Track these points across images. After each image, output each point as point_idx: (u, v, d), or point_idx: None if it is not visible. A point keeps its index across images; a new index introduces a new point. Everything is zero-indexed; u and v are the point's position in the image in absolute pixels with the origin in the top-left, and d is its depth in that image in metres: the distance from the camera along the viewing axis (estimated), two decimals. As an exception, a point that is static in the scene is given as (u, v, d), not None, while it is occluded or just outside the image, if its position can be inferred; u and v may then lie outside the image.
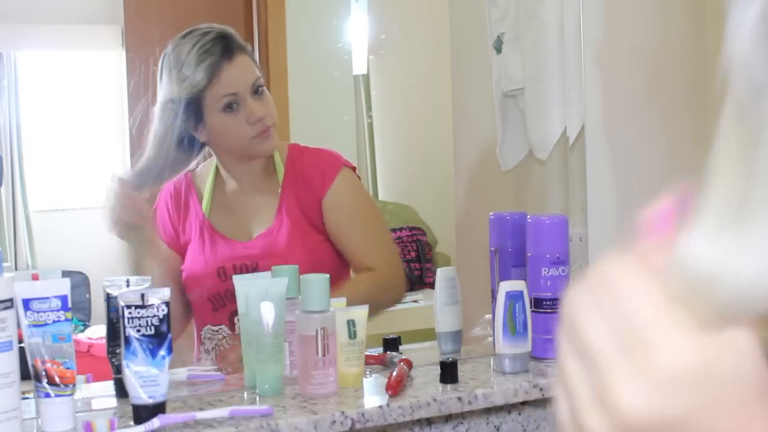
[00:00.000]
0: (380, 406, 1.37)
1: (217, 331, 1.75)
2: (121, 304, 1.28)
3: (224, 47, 1.74)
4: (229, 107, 1.73)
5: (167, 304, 1.29)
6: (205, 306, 1.76)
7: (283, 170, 1.80)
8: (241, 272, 1.72)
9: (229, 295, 1.69)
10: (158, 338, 1.28)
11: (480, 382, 1.49)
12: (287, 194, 1.79)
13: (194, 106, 1.73)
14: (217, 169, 1.83)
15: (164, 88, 1.74)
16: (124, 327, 1.27)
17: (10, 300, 1.22)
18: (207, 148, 1.84)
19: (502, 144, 1.92)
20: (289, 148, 1.83)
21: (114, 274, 1.48)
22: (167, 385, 1.29)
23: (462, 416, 1.51)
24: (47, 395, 1.25)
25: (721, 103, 0.41)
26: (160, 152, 1.74)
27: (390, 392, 1.41)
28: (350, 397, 1.42)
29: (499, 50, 1.89)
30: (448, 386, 1.47)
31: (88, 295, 4.52)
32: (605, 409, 0.40)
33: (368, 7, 3.87)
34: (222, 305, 1.75)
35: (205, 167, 1.85)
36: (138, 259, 1.74)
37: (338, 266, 1.79)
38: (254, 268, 1.72)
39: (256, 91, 1.75)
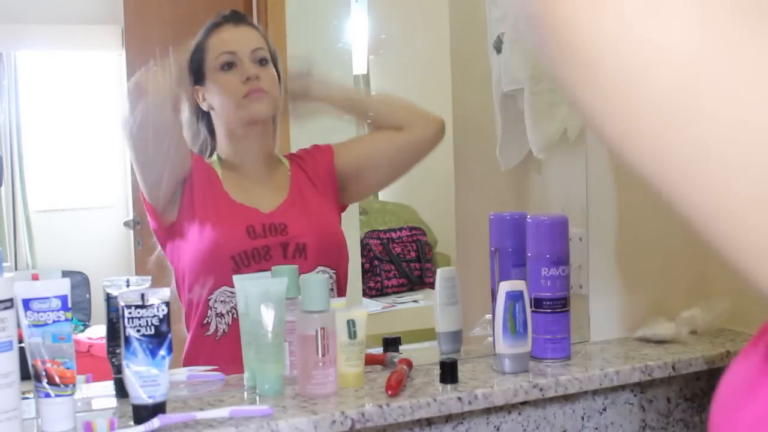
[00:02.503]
0: (380, 406, 1.37)
1: (234, 292, 1.70)
2: (121, 304, 1.28)
3: (232, 16, 1.85)
4: (227, 65, 1.80)
5: (167, 304, 1.29)
6: (225, 266, 1.73)
7: (287, 161, 1.90)
8: (271, 233, 1.78)
9: (257, 254, 1.75)
10: (158, 338, 1.28)
11: (480, 382, 1.49)
12: (296, 168, 1.89)
13: (196, 66, 1.82)
14: (220, 157, 1.87)
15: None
16: (124, 327, 1.27)
17: (10, 300, 1.22)
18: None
19: (502, 144, 1.92)
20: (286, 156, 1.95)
21: (114, 274, 1.48)
22: (167, 385, 1.29)
23: (462, 416, 1.51)
24: (47, 395, 1.25)
25: None
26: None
27: (390, 392, 1.41)
28: (350, 397, 1.42)
29: (499, 50, 1.89)
30: (448, 386, 1.47)
31: (88, 295, 4.52)
32: None
33: (368, 7, 3.87)
34: (246, 265, 1.74)
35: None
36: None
37: (343, 237, 1.90)
38: (282, 230, 1.79)
39: (260, 62, 1.82)
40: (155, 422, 1.26)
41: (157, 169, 1.76)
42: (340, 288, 1.85)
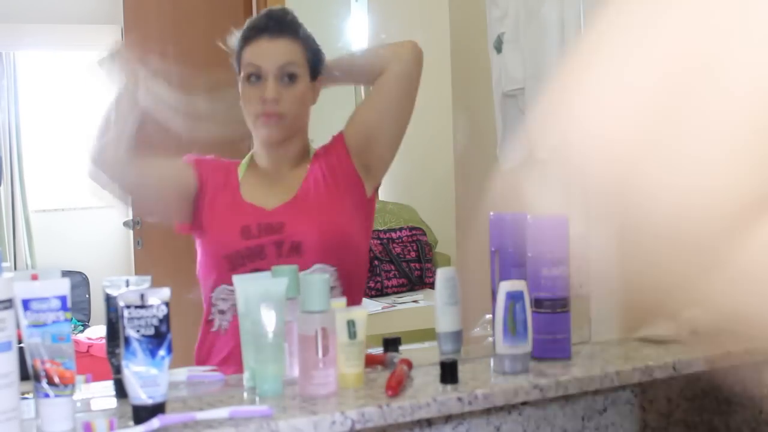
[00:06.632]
0: (380, 407, 1.37)
1: (233, 290, 1.68)
2: (121, 304, 1.28)
3: (272, 23, 1.84)
4: (249, 78, 1.82)
5: (167, 304, 1.29)
6: (219, 265, 1.78)
7: (312, 158, 1.91)
8: (266, 232, 1.80)
9: (250, 254, 1.78)
10: (158, 338, 1.27)
11: (480, 383, 1.49)
12: (315, 166, 1.88)
13: (237, 63, 1.85)
14: (252, 157, 1.91)
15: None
16: (124, 327, 1.27)
17: (10, 300, 1.21)
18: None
19: (502, 144, 1.92)
20: None
21: (114, 274, 1.47)
22: (167, 386, 1.29)
23: (462, 417, 1.51)
24: (46, 395, 1.25)
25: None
26: None
27: (390, 392, 1.41)
28: (350, 397, 1.42)
29: (499, 50, 1.89)
30: (448, 386, 1.47)
31: (87, 295, 4.53)
32: None
33: (368, 7, 3.87)
34: (241, 264, 1.77)
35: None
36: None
37: (353, 234, 1.87)
38: (279, 229, 1.80)
39: (288, 78, 1.82)
40: (155, 422, 1.26)
41: (161, 204, 1.90)
42: (344, 286, 1.83)
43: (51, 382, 1.24)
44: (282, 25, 1.84)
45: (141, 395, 1.27)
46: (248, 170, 1.89)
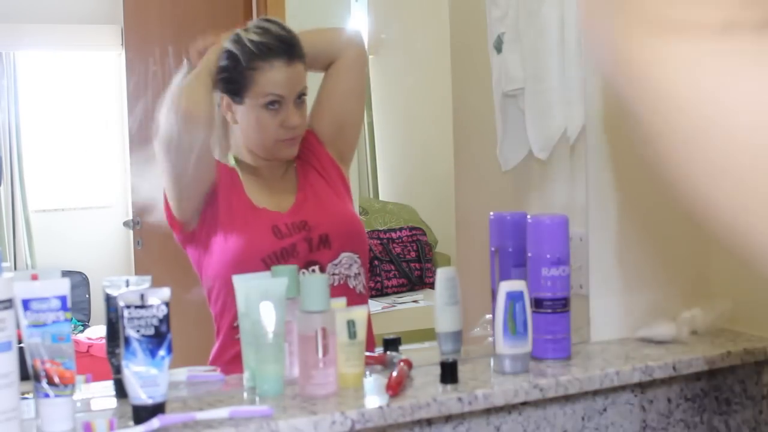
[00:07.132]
0: (380, 407, 1.37)
1: None
2: (121, 304, 1.28)
3: (289, 49, 1.82)
4: (271, 105, 1.81)
5: (167, 304, 1.29)
6: (255, 269, 1.71)
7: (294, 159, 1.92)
8: (294, 231, 1.82)
9: (284, 253, 1.79)
10: (158, 338, 1.28)
11: (480, 383, 1.49)
12: (302, 165, 1.91)
13: (239, 82, 1.81)
14: (237, 159, 1.89)
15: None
16: (124, 327, 1.27)
17: (10, 300, 1.21)
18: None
19: (502, 144, 1.92)
20: None
21: (113, 274, 1.47)
22: (167, 386, 1.29)
23: (462, 417, 1.51)
24: (46, 395, 1.25)
25: None
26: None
27: (390, 392, 1.41)
28: (350, 397, 1.42)
29: (499, 50, 1.89)
30: (448, 386, 1.47)
31: (87, 296, 4.53)
32: None
33: (368, 7, 3.87)
34: (276, 264, 1.75)
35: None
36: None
37: (359, 220, 1.96)
38: (304, 227, 1.83)
39: (299, 98, 1.84)
40: (155, 422, 1.26)
41: (192, 184, 1.79)
42: (365, 274, 1.89)
43: (51, 382, 1.24)
44: (296, 50, 1.83)
45: (141, 395, 1.27)
46: (243, 173, 1.87)
